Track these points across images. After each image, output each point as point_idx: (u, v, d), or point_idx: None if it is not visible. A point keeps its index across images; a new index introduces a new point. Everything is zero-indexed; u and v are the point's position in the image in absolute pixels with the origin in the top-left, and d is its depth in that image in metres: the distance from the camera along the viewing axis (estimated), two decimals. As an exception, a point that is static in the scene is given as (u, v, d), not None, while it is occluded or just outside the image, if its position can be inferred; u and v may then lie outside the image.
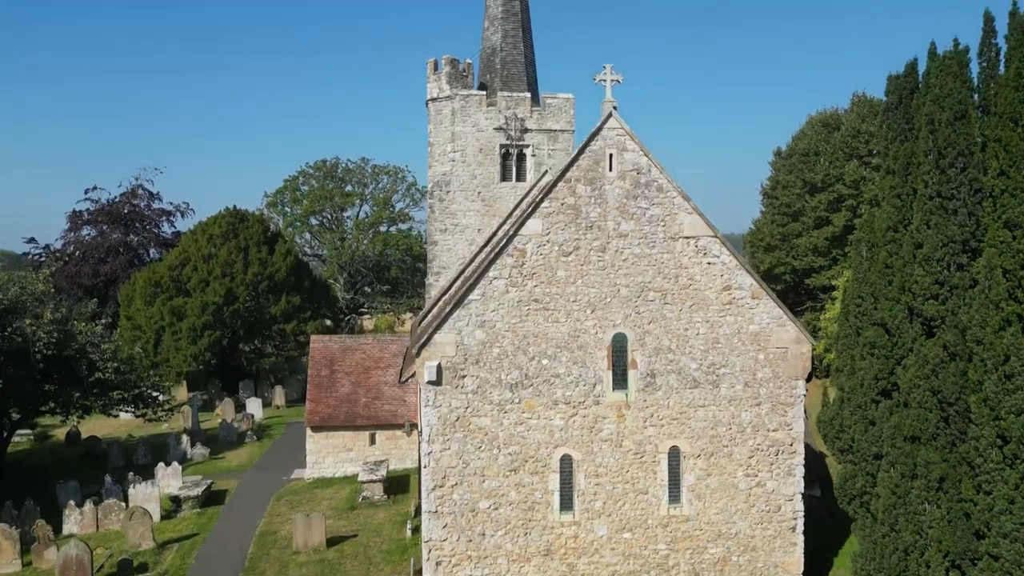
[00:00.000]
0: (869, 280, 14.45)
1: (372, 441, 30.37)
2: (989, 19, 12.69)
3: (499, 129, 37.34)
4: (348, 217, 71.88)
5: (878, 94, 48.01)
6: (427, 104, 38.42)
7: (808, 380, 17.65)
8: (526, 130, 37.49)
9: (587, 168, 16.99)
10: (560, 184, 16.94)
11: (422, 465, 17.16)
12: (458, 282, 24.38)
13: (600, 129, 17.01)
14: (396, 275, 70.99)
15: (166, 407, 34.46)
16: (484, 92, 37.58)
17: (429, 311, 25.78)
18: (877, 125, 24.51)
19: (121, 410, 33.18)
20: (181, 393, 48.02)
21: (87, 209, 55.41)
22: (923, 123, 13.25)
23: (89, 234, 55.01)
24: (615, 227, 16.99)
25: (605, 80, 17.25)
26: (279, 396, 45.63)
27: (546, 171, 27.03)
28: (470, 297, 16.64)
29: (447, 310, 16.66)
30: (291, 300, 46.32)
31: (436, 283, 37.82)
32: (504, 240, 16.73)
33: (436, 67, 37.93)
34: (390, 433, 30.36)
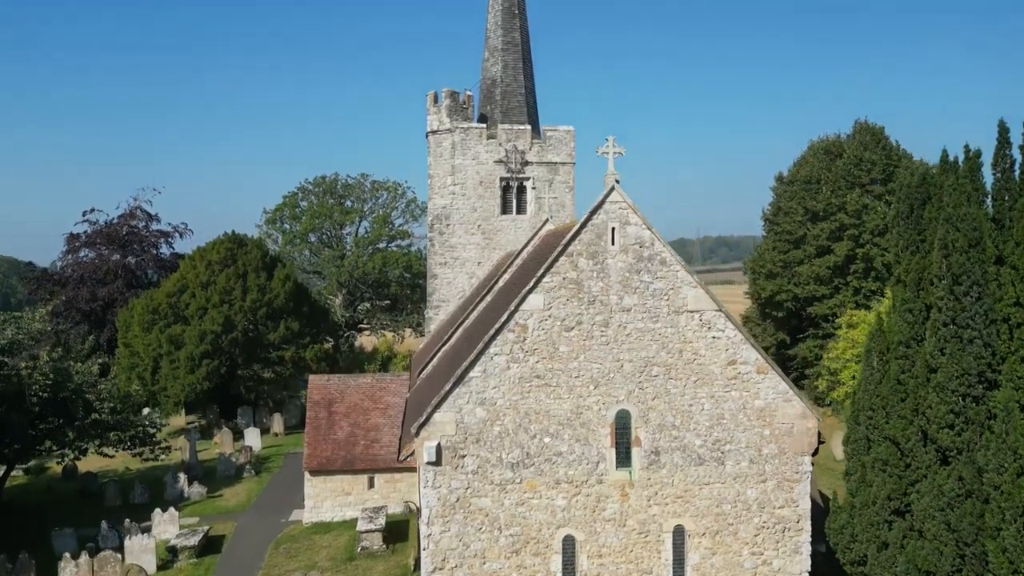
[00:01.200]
0: (880, 393, 14.19)
1: (371, 484, 30.03)
2: (1004, 129, 12.46)
3: (499, 162, 37.14)
4: (347, 234, 71.61)
5: (879, 119, 47.77)
6: (427, 136, 38.19)
7: (814, 455, 17.39)
8: (527, 163, 37.29)
9: (589, 242, 16.70)
10: (562, 258, 16.65)
11: (421, 547, 16.85)
12: (456, 336, 24.06)
13: (602, 203, 16.72)
14: (396, 291, 70.64)
15: (163, 446, 34.15)
16: (484, 125, 37.37)
17: (429, 359, 25.47)
18: (890, 234, 24.45)
19: (118, 450, 32.90)
20: (179, 420, 47.76)
21: (85, 231, 55.18)
22: (937, 245, 12.98)
23: (87, 256, 54.72)
24: (618, 301, 16.71)
25: (608, 152, 16.97)
26: (277, 423, 45.33)
27: (547, 219, 26.67)
28: (471, 374, 16.35)
29: (447, 387, 16.35)
30: (290, 326, 46.06)
31: (436, 317, 37.63)
32: (505, 316, 16.43)
33: (436, 99, 37.72)
34: (388, 476, 30.00)
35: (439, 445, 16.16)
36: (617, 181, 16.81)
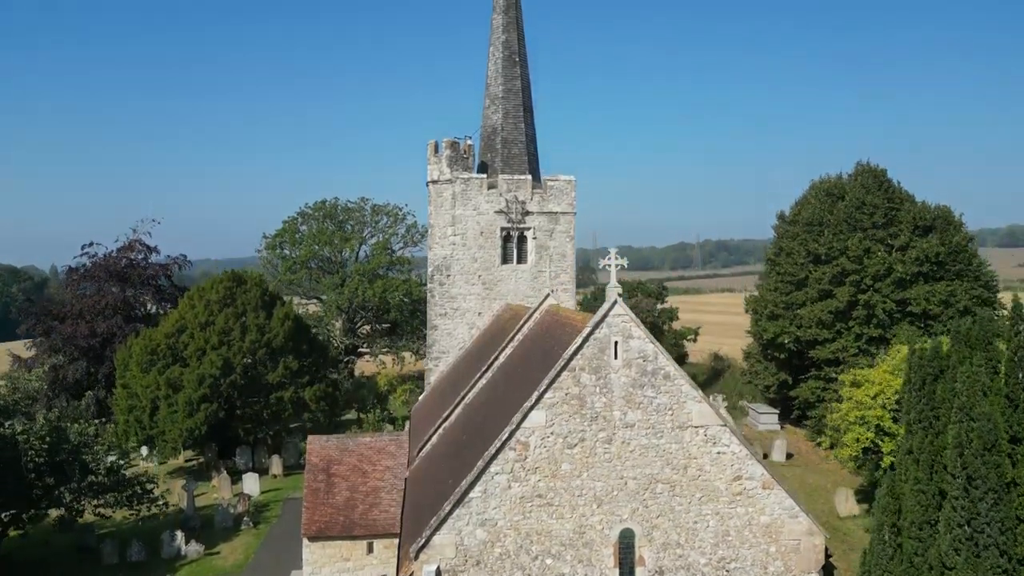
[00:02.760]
0: (893, 571, 13.94)
1: (370, 550, 29.65)
2: (1018, 305, 12.27)
3: (500, 212, 36.93)
4: (348, 259, 71.40)
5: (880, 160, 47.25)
6: (427, 185, 37.95)
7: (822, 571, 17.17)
8: (527, 212, 37.08)
9: (592, 356, 16.46)
10: (564, 373, 16.40)
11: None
12: (456, 414, 23.78)
13: (605, 316, 16.48)
14: (396, 317, 70.40)
15: (160, 502, 33.89)
16: (485, 175, 37.15)
17: (429, 437, 25.20)
18: (901, 406, 24.45)
19: (115, 511, 32.66)
20: (176, 459, 47.57)
21: (84, 265, 54.98)
22: (952, 440, 12.75)
23: (86, 289, 54.49)
24: (621, 417, 16.48)
25: (610, 265, 16.75)
26: (276, 465, 45.10)
27: (548, 294, 26.37)
28: (471, 495, 16.11)
29: (446, 509, 16.10)
30: (289, 365, 45.80)
31: (436, 368, 37.40)
32: (506, 434, 16.17)
33: (436, 149, 37.51)
34: (388, 542, 29.65)
35: (438, 569, 15.93)
36: (620, 294, 16.56)
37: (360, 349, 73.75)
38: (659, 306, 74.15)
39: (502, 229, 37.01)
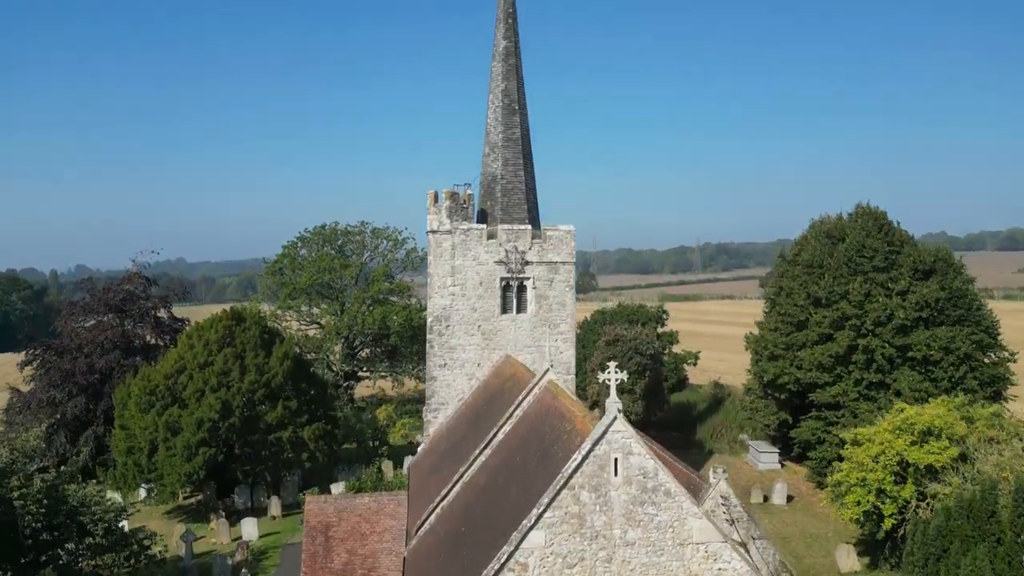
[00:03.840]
0: None
1: (369, 614, 29.75)
2: (1020, 490, 12.15)
3: (500, 262, 36.82)
4: (347, 284, 71.33)
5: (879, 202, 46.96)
6: (427, 234, 37.82)
7: None
8: (527, 262, 36.96)
9: (591, 473, 16.36)
10: (564, 491, 16.30)
11: None
12: (455, 492, 23.69)
13: (605, 432, 16.37)
14: (396, 342, 70.38)
15: (157, 559, 33.79)
16: (484, 226, 37.02)
17: (427, 515, 25.10)
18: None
19: (113, 572, 32.54)
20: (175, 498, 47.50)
21: (83, 299, 54.95)
22: None
23: (84, 323, 54.43)
24: (622, 535, 16.38)
25: (610, 380, 16.64)
26: (275, 506, 45.13)
27: (548, 367, 26.22)
28: (470, 616, 16.04)
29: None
30: (288, 405, 45.74)
31: (435, 420, 37.24)
32: (505, 555, 16.06)
33: (436, 199, 37.37)
34: (387, 607, 29.71)
35: None
36: (619, 410, 16.46)
37: (360, 373, 73.77)
38: (659, 329, 74.09)
39: (502, 279, 36.89)
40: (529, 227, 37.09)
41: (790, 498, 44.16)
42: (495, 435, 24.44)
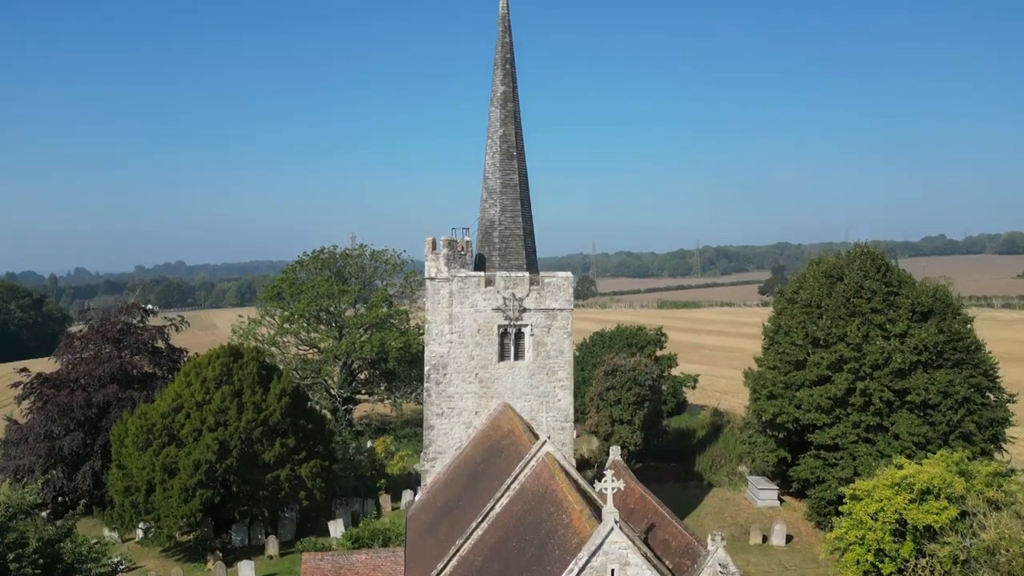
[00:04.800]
0: None
1: (366, 674, 29.74)
2: None
3: (497, 309, 36.78)
4: (345, 308, 71.23)
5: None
6: (426, 280, 37.75)
7: None
8: (525, 309, 36.93)
9: (588, 583, 16.28)
10: (560, 601, 16.22)
11: None
12: (453, 565, 23.63)
13: (602, 543, 16.30)
14: (394, 367, 70.32)
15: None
16: (482, 273, 36.95)
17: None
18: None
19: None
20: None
21: (80, 330, 54.88)
22: None
23: (83, 354, 54.34)
24: (617, 644, 16.30)
25: (607, 488, 16.56)
26: (272, 545, 45.00)
27: (546, 439, 26.05)
28: None
29: None
30: (285, 443, 45.68)
31: (432, 469, 37.16)
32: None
33: (434, 246, 37.31)
34: (384, 667, 29.72)
35: None
36: (616, 520, 16.38)
37: (358, 396, 73.73)
38: (658, 351, 74.06)
39: (499, 326, 36.84)
40: (527, 274, 37.03)
41: (789, 538, 44.09)
42: (493, 507, 24.35)
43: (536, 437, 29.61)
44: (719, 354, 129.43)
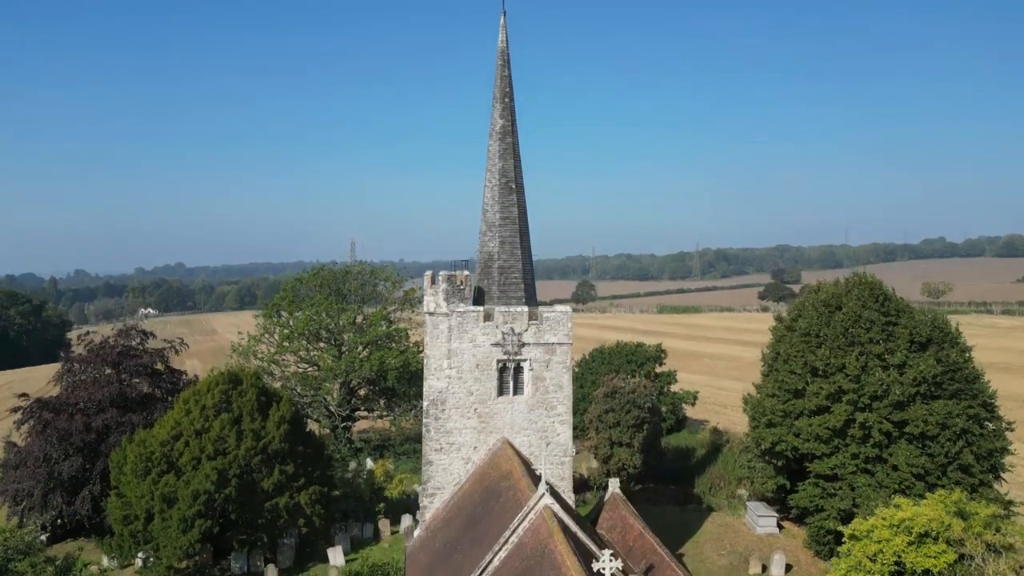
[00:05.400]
0: None
1: None
2: None
3: (496, 344, 36.83)
4: (344, 326, 71.26)
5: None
6: (425, 315, 37.79)
7: None
8: (523, 344, 36.97)
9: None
10: None
11: None
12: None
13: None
14: (393, 384, 70.37)
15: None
16: (481, 308, 36.98)
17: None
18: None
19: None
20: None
21: (79, 354, 54.93)
22: None
23: (82, 376, 54.35)
24: None
25: (604, 570, 16.59)
26: (271, 573, 45.00)
27: (543, 494, 26.09)
28: None
29: None
30: (284, 469, 45.70)
31: (431, 505, 37.21)
32: None
33: (434, 280, 37.35)
34: None
35: None
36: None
37: (358, 412, 73.78)
38: (657, 368, 74.19)
39: (498, 361, 36.89)
40: (526, 308, 37.06)
41: (789, 567, 44.10)
42: (491, 560, 24.38)
43: (534, 477, 29.70)
44: (719, 363, 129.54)
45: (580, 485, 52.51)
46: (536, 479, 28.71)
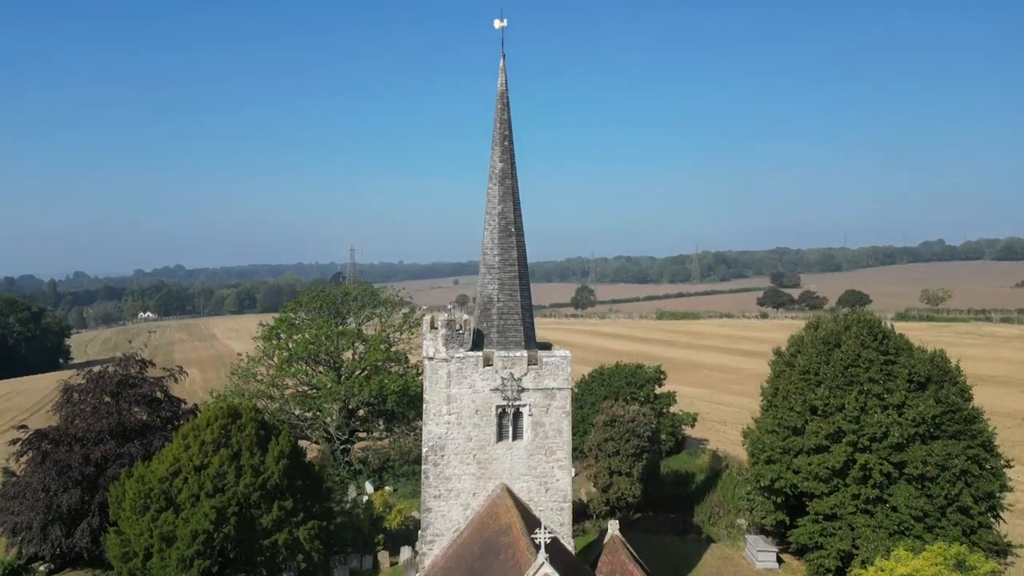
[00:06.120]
0: None
1: None
2: None
3: (496, 390, 36.76)
4: (343, 349, 71.26)
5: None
6: (424, 359, 37.72)
7: None
8: (523, 389, 36.91)
9: None
10: None
11: None
12: None
13: None
14: (392, 407, 70.38)
15: None
16: (480, 353, 36.92)
17: None
18: None
19: None
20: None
21: (79, 385, 54.91)
22: None
23: (82, 404, 54.33)
24: None
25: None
26: (271, 609, 44.96)
27: (543, 562, 26.07)
28: None
29: None
30: (283, 505, 45.62)
31: (430, 552, 37.18)
32: None
33: (433, 325, 37.28)
34: None
35: None
36: None
37: (357, 433, 73.81)
38: (657, 389, 74.21)
39: (497, 406, 36.83)
40: (525, 353, 37.00)
41: (787, 605, 44.09)
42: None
43: (533, 524, 29.46)
44: (717, 375, 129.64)
45: (580, 512, 52.52)
46: (536, 524, 28.53)
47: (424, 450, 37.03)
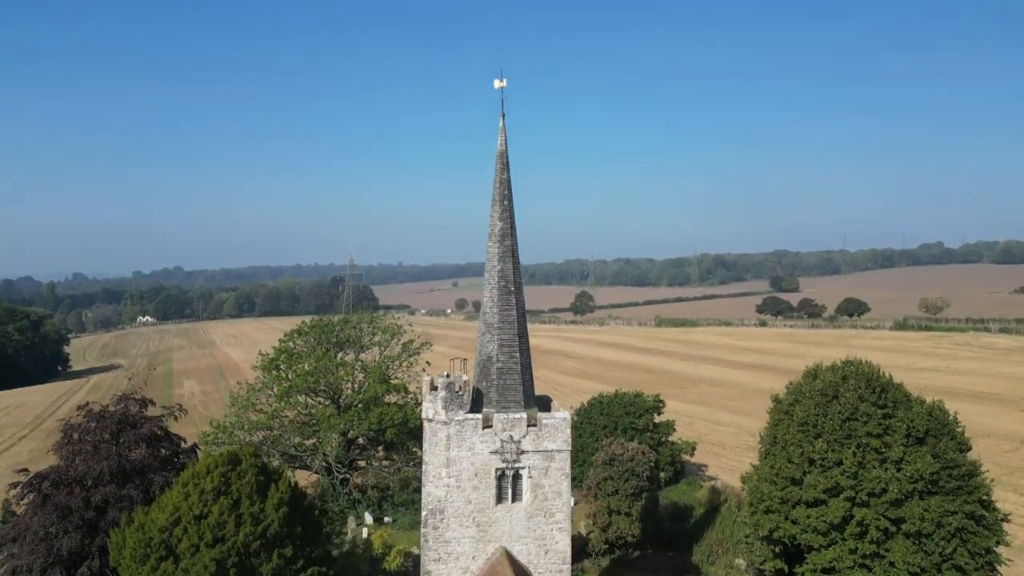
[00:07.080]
0: None
1: None
2: None
3: (495, 452, 36.88)
4: (343, 378, 71.39)
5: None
6: (423, 420, 37.84)
7: None
8: (522, 451, 37.02)
9: None
10: None
11: None
12: None
13: None
14: (391, 438, 70.56)
15: None
16: (480, 415, 37.04)
17: None
18: None
19: None
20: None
21: (79, 424, 54.93)
22: None
23: (83, 442, 54.36)
24: None
25: None
26: (271, 658, 45.09)
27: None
28: None
29: None
30: (283, 553, 45.76)
31: (430, 614, 37.33)
32: None
33: (433, 387, 37.42)
34: None
35: None
36: None
37: (357, 462, 73.98)
38: (656, 418, 74.45)
39: (497, 469, 36.96)
40: (525, 415, 37.12)
41: (784, 656, 44.24)
42: None
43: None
44: (716, 390, 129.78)
45: (579, 549, 52.69)
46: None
47: (424, 513, 37.15)
